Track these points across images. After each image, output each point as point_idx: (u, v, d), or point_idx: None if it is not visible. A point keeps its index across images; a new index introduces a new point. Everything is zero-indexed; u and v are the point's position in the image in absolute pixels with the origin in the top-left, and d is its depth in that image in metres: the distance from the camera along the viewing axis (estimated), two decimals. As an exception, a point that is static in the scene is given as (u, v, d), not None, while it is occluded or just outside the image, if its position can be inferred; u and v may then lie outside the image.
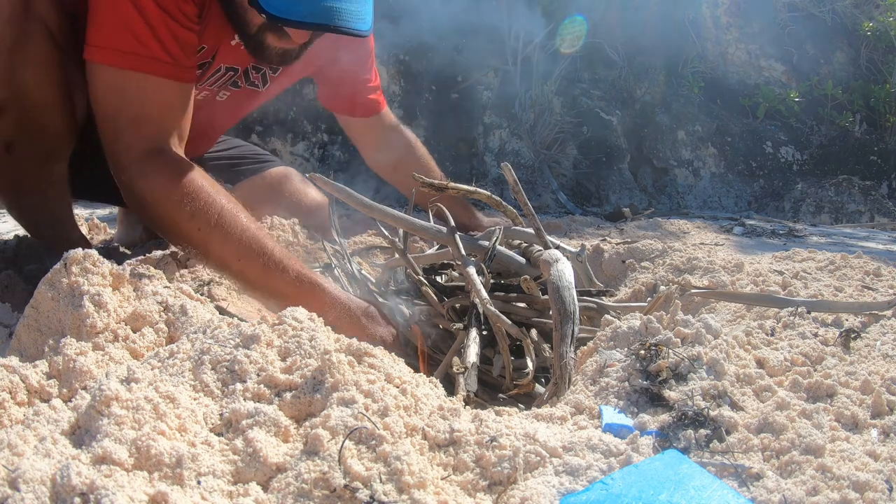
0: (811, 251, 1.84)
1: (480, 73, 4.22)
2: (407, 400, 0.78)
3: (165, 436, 0.66)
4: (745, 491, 0.71)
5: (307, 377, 0.78)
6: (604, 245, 2.04)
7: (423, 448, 0.74)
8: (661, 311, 1.07)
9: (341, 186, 1.56)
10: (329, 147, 4.11)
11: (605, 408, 0.87)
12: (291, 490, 0.65)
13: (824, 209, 4.13)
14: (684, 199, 4.34)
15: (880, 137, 4.73)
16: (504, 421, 0.80)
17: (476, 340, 1.25)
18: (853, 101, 4.76)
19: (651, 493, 0.67)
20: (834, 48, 5.01)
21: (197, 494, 0.63)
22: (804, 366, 1.00)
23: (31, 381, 0.82)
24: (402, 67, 4.22)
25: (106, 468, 0.62)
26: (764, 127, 4.69)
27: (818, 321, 1.19)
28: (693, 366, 0.92)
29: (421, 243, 2.02)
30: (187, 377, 0.78)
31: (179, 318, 1.00)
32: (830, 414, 0.85)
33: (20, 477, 0.58)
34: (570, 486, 0.71)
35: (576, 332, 1.13)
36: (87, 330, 0.92)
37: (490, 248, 1.47)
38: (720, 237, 2.84)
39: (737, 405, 0.87)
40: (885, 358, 1.02)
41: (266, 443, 0.69)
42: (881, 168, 4.64)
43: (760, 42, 4.98)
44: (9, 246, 1.97)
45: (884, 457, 0.76)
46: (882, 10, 4.84)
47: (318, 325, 0.90)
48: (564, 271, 1.23)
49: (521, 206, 1.48)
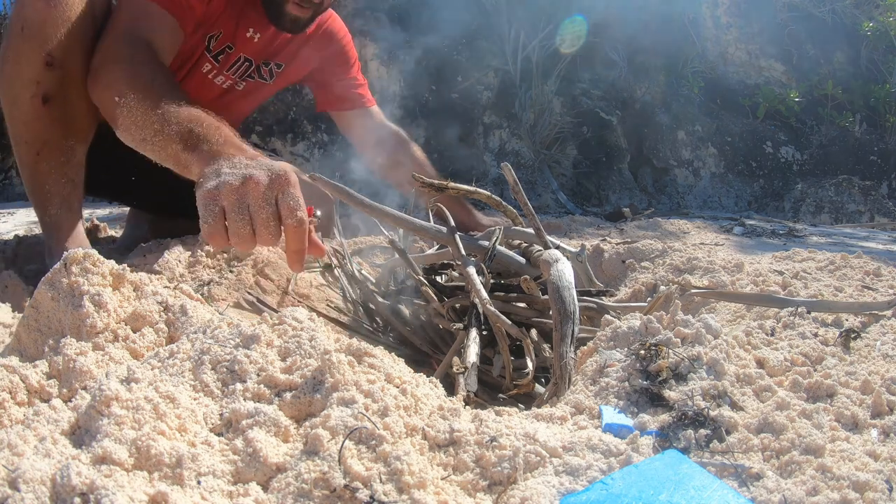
0: (811, 251, 1.84)
1: (480, 73, 4.22)
2: (407, 400, 0.78)
3: (165, 436, 0.66)
4: (745, 491, 0.71)
5: (307, 377, 0.78)
6: (604, 245, 2.04)
7: (423, 448, 0.74)
8: (661, 311, 1.07)
9: (341, 186, 1.56)
10: (329, 147, 4.11)
11: (605, 408, 0.87)
12: (291, 490, 0.65)
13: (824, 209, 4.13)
14: (684, 199, 4.34)
15: (880, 137, 4.74)
16: (504, 421, 0.80)
17: (476, 340, 1.25)
18: (853, 101, 4.76)
19: (651, 493, 0.67)
20: (834, 48, 5.01)
21: (197, 494, 0.63)
22: (804, 366, 1.00)
23: (31, 381, 0.82)
24: (402, 67, 4.22)
25: (106, 468, 0.62)
26: (764, 127, 4.69)
27: (818, 321, 1.19)
28: (693, 366, 0.92)
29: (421, 243, 2.02)
30: (187, 377, 0.78)
31: (179, 318, 1.00)
32: (830, 414, 0.85)
33: (20, 477, 0.58)
34: (570, 486, 0.71)
35: (576, 332, 1.13)
36: (87, 330, 0.92)
37: (490, 248, 1.47)
38: (720, 237, 2.84)
39: (737, 405, 0.87)
40: (885, 358, 1.02)
41: (266, 443, 0.69)
42: (881, 168, 4.64)
43: (760, 42, 4.98)
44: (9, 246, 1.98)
45: (884, 457, 0.76)
46: (882, 10, 4.84)
47: (319, 325, 0.90)
48: (564, 271, 1.23)
49: (521, 206, 1.48)
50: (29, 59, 1.55)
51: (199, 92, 1.99)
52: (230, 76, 2.01)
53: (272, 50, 2.04)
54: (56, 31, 1.55)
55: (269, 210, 1.08)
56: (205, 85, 1.99)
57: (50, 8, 1.54)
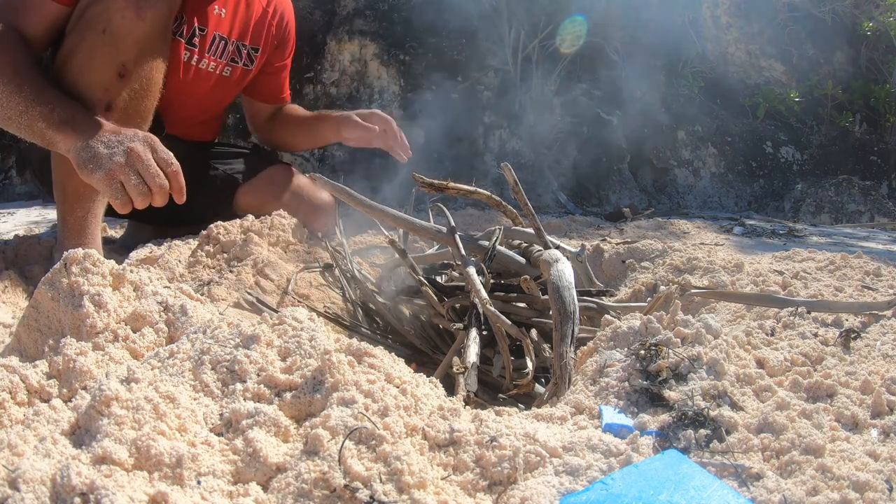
0: (811, 251, 1.84)
1: (480, 73, 4.22)
2: (407, 400, 0.78)
3: (165, 436, 0.66)
4: (745, 491, 0.71)
5: (307, 377, 0.78)
6: (604, 245, 2.04)
7: (423, 448, 0.74)
8: (661, 311, 1.07)
9: (341, 186, 1.56)
10: (329, 147, 4.11)
11: (605, 408, 0.87)
12: (291, 490, 0.65)
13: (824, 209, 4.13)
14: (684, 199, 4.33)
15: (880, 137, 4.74)
16: (504, 421, 0.80)
17: (476, 340, 1.25)
18: (853, 101, 4.76)
19: (651, 493, 0.67)
20: (834, 48, 5.01)
21: (197, 494, 0.63)
22: (804, 366, 1.00)
23: (31, 381, 0.82)
24: (402, 67, 4.22)
25: (106, 468, 0.62)
26: (764, 127, 4.68)
27: (818, 321, 1.19)
28: (693, 366, 0.92)
29: (421, 243, 2.02)
30: (187, 377, 0.78)
31: (179, 318, 1.00)
32: (830, 414, 0.85)
33: (20, 477, 0.58)
34: (570, 486, 0.71)
35: (576, 332, 1.13)
36: (87, 330, 0.92)
37: (490, 248, 1.47)
38: (720, 237, 2.84)
39: (737, 405, 0.87)
40: (885, 358, 1.02)
41: (266, 443, 0.69)
42: (881, 168, 4.64)
43: (760, 42, 4.98)
44: (9, 246, 1.97)
45: (884, 457, 0.76)
46: (882, 10, 4.84)
47: (319, 325, 0.90)
48: (564, 271, 1.23)
49: (521, 206, 1.48)
50: (102, 63, 1.56)
51: (194, 84, 1.98)
52: (213, 58, 2.00)
53: (241, 27, 2.04)
54: (136, 45, 1.57)
55: (153, 168, 1.42)
56: (193, 74, 1.97)
57: (138, 21, 1.56)
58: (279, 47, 2.21)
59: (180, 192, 1.45)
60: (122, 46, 1.56)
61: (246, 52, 2.09)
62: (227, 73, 2.07)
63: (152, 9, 1.58)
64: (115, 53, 1.56)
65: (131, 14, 1.55)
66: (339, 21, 4.28)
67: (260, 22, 2.09)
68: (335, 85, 4.23)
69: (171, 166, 1.44)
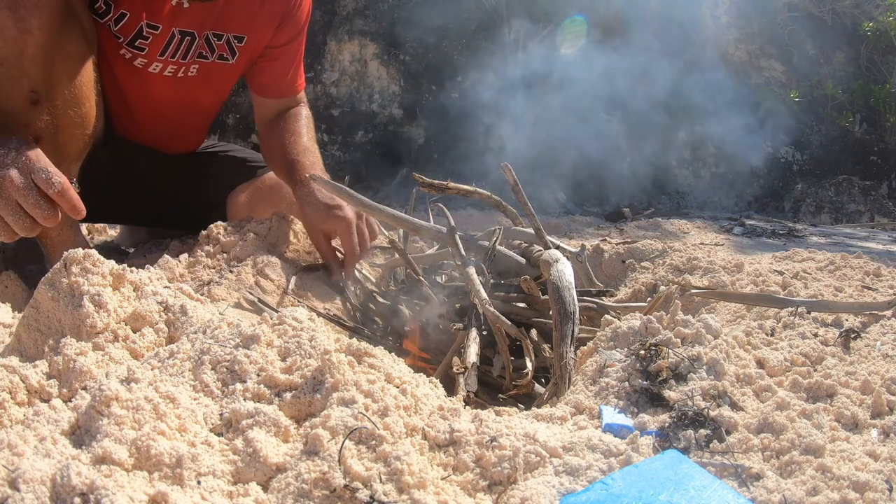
0: (811, 251, 1.84)
1: (480, 72, 4.22)
2: (407, 400, 0.78)
3: (165, 436, 0.66)
4: (745, 491, 0.71)
5: (307, 377, 0.78)
6: (604, 245, 2.04)
7: (423, 448, 0.74)
8: (661, 311, 1.07)
9: (341, 186, 1.56)
10: (328, 147, 4.11)
11: (605, 408, 0.87)
12: (291, 490, 0.65)
13: (824, 209, 4.13)
14: (684, 199, 4.34)
15: (880, 137, 4.74)
16: (504, 421, 0.80)
17: (476, 340, 1.25)
18: (853, 101, 4.76)
19: (651, 493, 0.67)
20: (834, 48, 5.01)
21: (197, 494, 0.63)
22: (804, 366, 1.00)
23: (31, 381, 0.82)
24: (402, 67, 4.22)
25: (106, 468, 0.62)
26: (764, 127, 4.69)
27: (818, 321, 1.19)
28: (693, 366, 0.92)
29: (421, 243, 2.02)
30: (187, 377, 0.78)
31: (179, 318, 1.00)
32: (830, 414, 0.85)
33: (20, 477, 0.58)
34: (570, 486, 0.71)
35: (576, 332, 1.13)
36: (87, 330, 0.92)
37: (490, 248, 1.47)
38: (720, 237, 2.84)
39: (737, 405, 0.87)
40: (885, 358, 1.02)
41: (266, 443, 0.69)
42: (881, 168, 4.64)
43: (760, 42, 4.98)
44: (9, 246, 1.97)
45: (884, 457, 0.76)
46: (882, 10, 4.84)
47: (319, 325, 0.90)
48: (564, 271, 1.23)
49: (521, 206, 1.48)
50: (10, 96, 1.36)
51: (150, 90, 1.72)
52: (172, 61, 1.67)
53: (217, 15, 1.67)
54: (36, 63, 1.35)
55: (33, 194, 1.22)
56: (145, 79, 1.69)
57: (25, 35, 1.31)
58: (283, 26, 1.80)
59: (73, 210, 1.26)
60: (20, 70, 1.31)
61: (225, 44, 1.73)
62: (192, 73, 1.74)
63: (36, 17, 1.29)
64: (18, 80, 1.32)
65: (12, 30, 1.27)
66: (339, 21, 4.28)
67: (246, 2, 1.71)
68: (335, 85, 4.23)
69: (53, 187, 1.22)
